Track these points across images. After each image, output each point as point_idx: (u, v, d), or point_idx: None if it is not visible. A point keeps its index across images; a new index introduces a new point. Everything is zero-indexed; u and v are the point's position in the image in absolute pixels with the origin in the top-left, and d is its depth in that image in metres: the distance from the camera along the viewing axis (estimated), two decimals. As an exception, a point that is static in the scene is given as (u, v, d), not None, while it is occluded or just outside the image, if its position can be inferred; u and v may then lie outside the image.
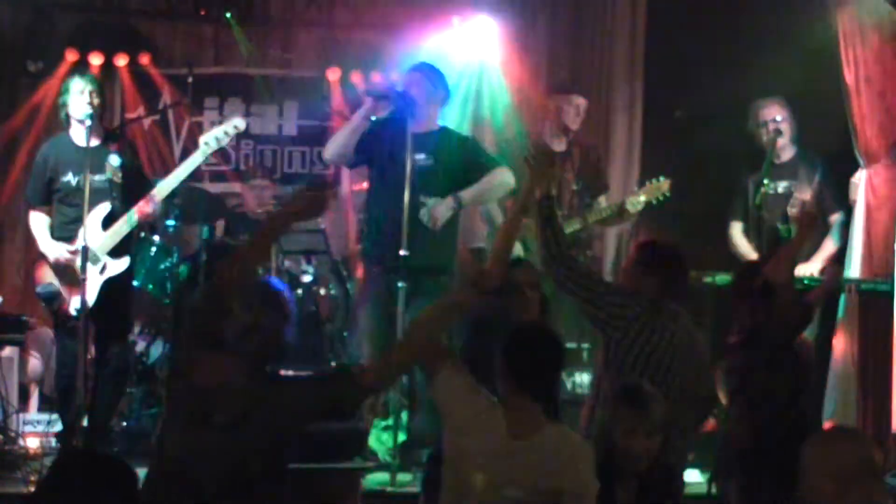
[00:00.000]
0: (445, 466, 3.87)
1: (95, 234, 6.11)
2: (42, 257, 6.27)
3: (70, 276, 6.09)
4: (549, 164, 4.63)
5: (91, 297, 6.02)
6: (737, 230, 6.98)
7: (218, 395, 3.74)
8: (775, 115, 6.85)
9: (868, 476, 3.41)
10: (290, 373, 4.99)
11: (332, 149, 6.34)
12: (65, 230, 6.19)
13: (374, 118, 6.21)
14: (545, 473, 3.65)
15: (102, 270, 6.14)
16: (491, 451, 3.70)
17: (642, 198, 6.63)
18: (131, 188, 6.31)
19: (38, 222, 6.29)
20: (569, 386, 6.16)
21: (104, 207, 6.16)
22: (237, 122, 6.56)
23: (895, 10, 6.88)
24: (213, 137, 6.43)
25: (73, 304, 6.12)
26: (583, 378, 6.17)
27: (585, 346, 6.86)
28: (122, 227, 6.20)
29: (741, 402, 4.99)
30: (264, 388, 3.80)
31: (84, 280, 5.89)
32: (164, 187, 6.30)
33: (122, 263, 6.20)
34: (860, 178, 7.08)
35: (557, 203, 6.82)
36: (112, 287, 6.16)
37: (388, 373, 4.07)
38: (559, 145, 6.94)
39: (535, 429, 3.71)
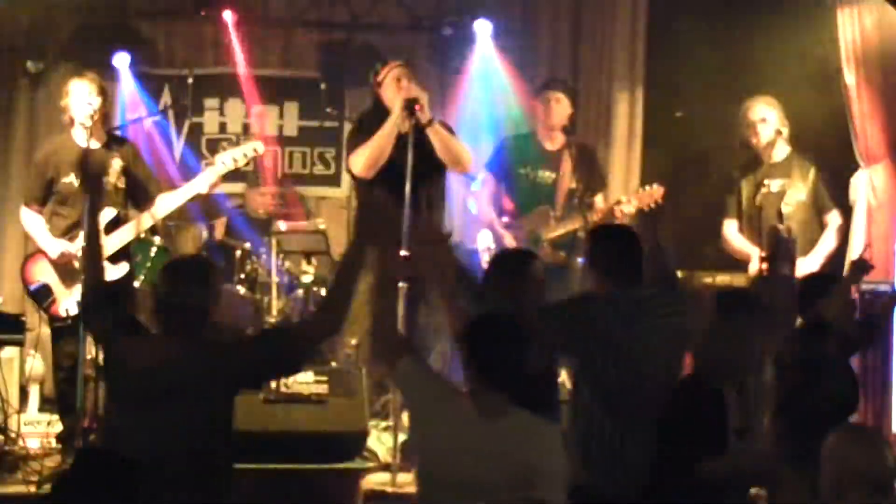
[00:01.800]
0: (418, 456, 3.93)
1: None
2: (34, 255, 6.26)
3: (69, 274, 6.09)
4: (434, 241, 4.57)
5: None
6: (731, 228, 6.98)
7: (159, 372, 3.82)
8: (765, 115, 6.84)
9: (866, 485, 3.41)
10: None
11: (363, 162, 6.06)
12: (65, 233, 6.18)
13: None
14: (515, 456, 3.66)
15: None
16: (459, 437, 3.73)
17: (634, 204, 6.63)
18: (134, 193, 6.30)
19: (34, 220, 6.27)
20: (569, 385, 6.13)
21: (109, 213, 6.15)
22: (256, 146, 6.55)
23: (895, 9, 6.88)
24: (231, 157, 6.43)
25: (64, 305, 6.11)
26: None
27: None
28: (125, 233, 6.19)
29: (786, 421, 4.89)
30: (204, 356, 3.88)
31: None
32: (174, 200, 6.28)
33: (120, 269, 6.18)
34: (860, 179, 7.08)
35: (554, 202, 6.87)
36: (110, 290, 6.13)
37: (322, 327, 4.15)
38: (552, 145, 6.95)
39: (501, 414, 3.72)
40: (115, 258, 6.16)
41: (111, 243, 6.13)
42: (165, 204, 6.32)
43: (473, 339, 3.81)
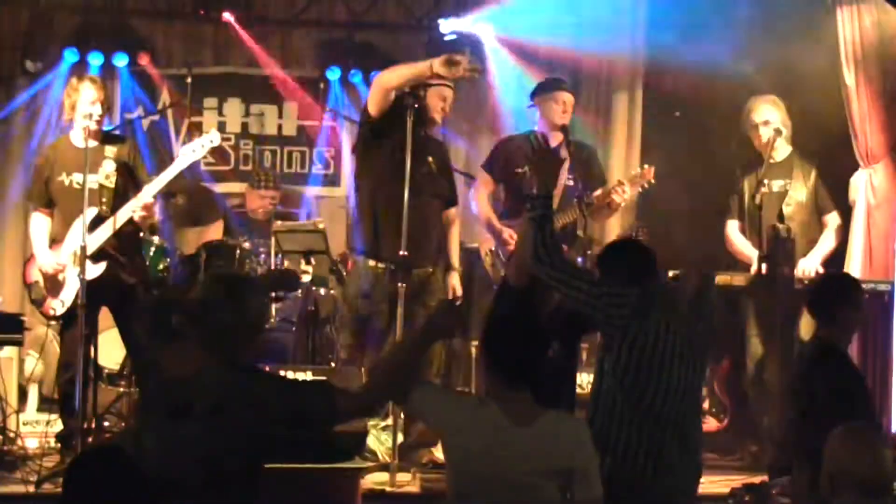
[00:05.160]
0: (448, 469, 3.87)
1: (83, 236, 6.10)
2: (32, 255, 6.28)
3: (53, 281, 6.12)
4: (553, 163, 4.59)
5: (69, 299, 6.01)
6: (733, 229, 6.98)
7: (189, 386, 3.72)
8: (768, 115, 6.83)
9: (864, 484, 3.41)
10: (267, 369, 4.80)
11: (393, 78, 6.16)
12: (62, 234, 6.17)
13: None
14: (552, 456, 3.70)
15: (81, 273, 6.09)
16: (494, 444, 3.71)
17: (627, 188, 6.63)
18: (125, 191, 6.29)
19: (38, 225, 6.27)
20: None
21: (91, 211, 6.14)
22: (213, 137, 6.53)
23: (895, 9, 6.88)
24: (190, 149, 6.42)
25: (50, 304, 6.14)
26: (582, 378, 6.14)
27: (584, 346, 6.85)
28: (105, 231, 6.17)
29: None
30: (238, 380, 3.73)
31: (83, 280, 5.87)
32: (145, 194, 6.25)
33: (100, 268, 6.16)
34: (860, 179, 7.08)
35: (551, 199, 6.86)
36: (97, 288, 6.12)
37: (362, 405, 3.94)
38: (551, 143, 6.94)
39: (533, 416, 3.74)
40: (95, 257, 6.13)
41: (91, 242, 6.11)
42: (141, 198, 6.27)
43: (494, 343, 3.80)
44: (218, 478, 3.67)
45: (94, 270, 6.11)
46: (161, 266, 7.01)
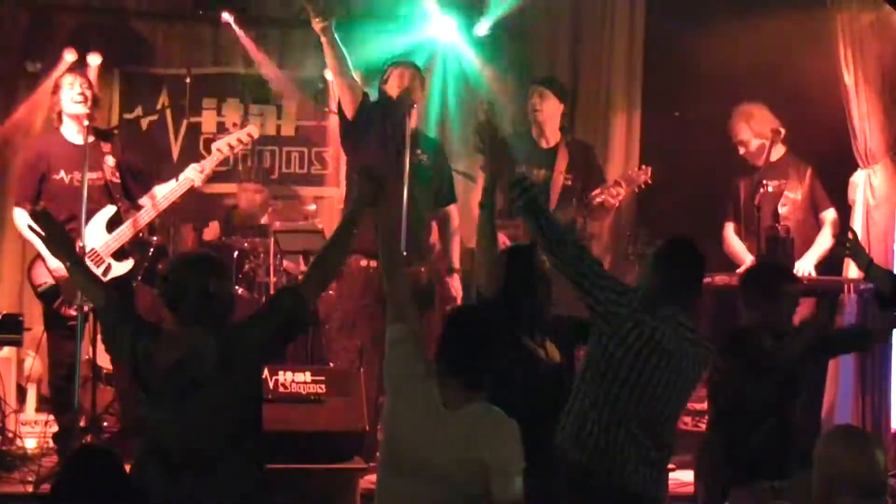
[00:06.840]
0: (383, 422, 4.01)
1: (100, 235, 6.10)
2: (39, 256, 6.25)
3: (69, 285, 6.11)
4: (501, 145, 4.50)
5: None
6: (728, 231, 7.00)
7: (186, 364, 3.87)
8: (754, 136, 6.82)
9: (857, 487, 3.41)
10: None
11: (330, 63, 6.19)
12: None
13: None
14: (470, 446, 3.72)
15: (105, 273, 6.11)
16: (422, 418, 3.81)
17: (623, 188, 6.62)
18: (128, 187, 6.29)
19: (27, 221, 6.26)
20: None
21: (109, 209, 6.14)
22: (251, 130, 6.55)
23: (895, 9, 6.88)
24: (226, 144, 6.42)
25: (73, 303, 6.12)
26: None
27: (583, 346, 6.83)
28: (126, 229, 6.18)
29: (714, 409, 4.96)
30: (227, 338, 3.94)
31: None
32: (172, 191, 6.26)
33: (126, 265, 6.17)
34: (859, 179, 7.09)
35: (548, 200, 6.85)
36: (124, 283, 6.14)
37: (322, 276, 4.23)
38: (547, 143, 6.89)
39: (461, 402, 3.79)
40: (118, 255, 6.15)
41: (114, 241, 6.12)
42: (164, 195, 6.29)
43: (447, 328, 3.90)
44: (221, 447, 3.85)
45: (122, 268, 6.13)
46: (161, 266, 7.02)
